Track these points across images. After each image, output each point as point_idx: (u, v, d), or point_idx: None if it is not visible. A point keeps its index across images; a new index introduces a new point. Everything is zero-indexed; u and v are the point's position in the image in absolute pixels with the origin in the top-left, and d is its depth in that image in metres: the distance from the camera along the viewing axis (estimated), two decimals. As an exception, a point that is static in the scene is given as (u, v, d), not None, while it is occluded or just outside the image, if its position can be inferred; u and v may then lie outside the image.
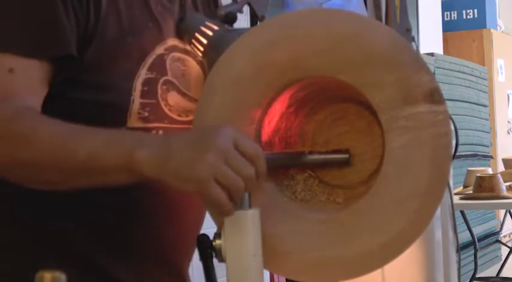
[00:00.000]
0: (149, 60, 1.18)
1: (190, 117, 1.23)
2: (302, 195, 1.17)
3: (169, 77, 1.21)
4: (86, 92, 1.14)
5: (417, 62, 1.06)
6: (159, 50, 1.21)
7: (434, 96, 1.04)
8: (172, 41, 1.24)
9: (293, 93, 1.16)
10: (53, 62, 1.11)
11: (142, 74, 1.17)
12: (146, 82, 1.17)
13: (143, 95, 1.17)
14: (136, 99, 1.16)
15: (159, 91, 1.19)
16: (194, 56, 1.27)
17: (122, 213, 1.18)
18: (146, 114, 1.17)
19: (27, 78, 1.09)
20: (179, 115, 1.22)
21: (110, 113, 1.14)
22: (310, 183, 1.19)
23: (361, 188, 1.14)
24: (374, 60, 1.06)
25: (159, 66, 1.20)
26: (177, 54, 1.24)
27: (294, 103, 1.18)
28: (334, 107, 1.22)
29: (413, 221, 1.04)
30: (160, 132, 1.19)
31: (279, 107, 1.16)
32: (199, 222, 1.28)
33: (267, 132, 1.17)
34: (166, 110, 1.20)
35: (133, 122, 1.16)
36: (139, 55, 1.18)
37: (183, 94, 1.23)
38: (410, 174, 1.05)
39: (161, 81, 1.20)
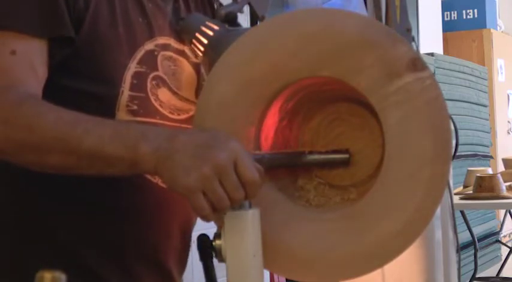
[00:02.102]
0: (138, 54, 1.19)
1: (182, 116, 1.23)
2: (316, 201, 1.18)
3: (159, 73, 1.21)
4: (77, 80, 1.15)
5: (390, 36, 1.06)
6: (149, 45, 1.21)
7: (417, 65, 1.05)
8: (165, 40, 1.24)
9: (281, 105, 1.16)
10: (52, 44, 1.12)
11: (132, 67, 1.18)
12: (136, 75, 1.18)
13: (132, 87, 1.17)
14: (126, 91, 1.16)
15: (149, 85, 1.19)
16: (188, 57, 1.27)
17: (111, 213, 1.19)
18: (135, 107, 1.17)
19: (28, 61, 1.10)
20: (171, 112, 1.22)
21: (98, 104, 1.15)
22: (321, 189, 1.20)
23: (372, 181, 1.14)
24: (348, 47, 1.07)
25: (149, 61, 1.20)
26: (168, 53, 1.24)
27: (285, 116, 1.19)
28: (326, 110, 1.23)
29: (429, 190, 1.04)
30: None
31: (271, 122, 1.17)
32: (189, 223, 1.28)
33: (265, 149, 1.17)
34: (157, 105, 1.20)
35: (122, 114, 1.16)
36: (129, 48, 1.18)
37: (173, 92, 1.23)
38: (415, 144, 1.05)
39: (151, 76, 1.20)
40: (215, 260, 1.05)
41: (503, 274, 4.92)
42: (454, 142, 1.18)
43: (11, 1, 1.11)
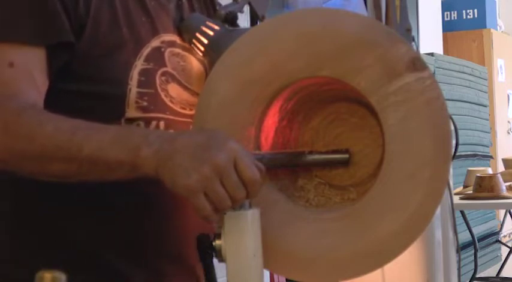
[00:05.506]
0: (145, 51, 1.19)
1: (194, 111, 1.23)
2: (316, 200, 1.18)
3: (168, 68, 1.22)
4: (83, 83, 1.15)
5: (390, 36, 1.07)
6: (155, 42, 1.21)
7: (416, 64, 1.05)
8: (170, 37, 1.24)
9: (281, 105, 1.17)
10: (51, 51, 1.12)
11: (139, 64, 1.18)
12: (143, 72, 1.18)
13: (140, 84, 1.17)
14: (133, 89, 1.16)
15: (158, 81, 1.19)
16: (195, 54, 1.27)
17: (131, 210, 1.19)
18: (145, 103, 1.17)
19: (27, 72, 1.10)
20: (182, 107, 1.22)
21: (107, 103, 1.15)
22: (321, 189, 1.20)
23: (372, 181, 1.14)
24: (348, 47, 1.07)
25: (156, 58, 1.20)
26: (176, 50, 1.24)
27: (285, 116, 1.19)
28: (326, 110, 1.23)
29: (429, 190, 1.04)
30: (162, 123, 1.19)
31: (271, 122, 1.17)
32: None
33: (265, 149, 1.17)
34: (167, 101, 1.20)
35: (132, 111, 1.16)
36: (135, 46, 1.18)
37: (184, 87, 1.24)
38: (415, 144, 1.05)
39: (159, 72, 1.20)
40: (215, 260, 1.05)
41: (503, 274, 4.91)
42: (454, 142, 1.18)
43: (6, 12, 1.11)
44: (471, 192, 3.87)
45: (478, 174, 3.91)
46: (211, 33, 1.24)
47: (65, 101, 1.13)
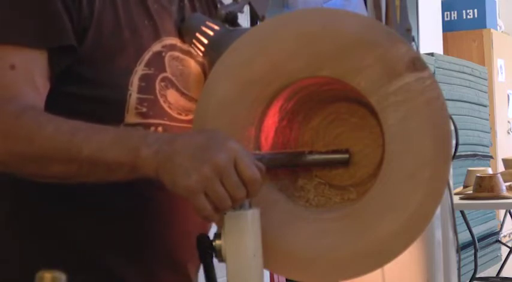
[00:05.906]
0: (146, 56, 1.19)
1: (190, 117, 1.23)
2: (316, 200, 1.18)
3: (168, 74, 1.21)
4: (83, 87, 1.15)
5: (390, 36, 1.07)
6: (156, 47, 1.21)
7: (416, 64, 1.05)
8: (171, 40, 1.24)
9: (281, 105, 1.17)
10: (53, 54, 1.12)
11: (140, 70, 1.18)
12: (143, 78, 1.18)
13: (140, 90, 1.17)
14: (134, 94, 1.16)
15: (157, 87, 1.19)
16: (194, 56, 1.27)
17: (131, 211, 1.19)
18: (144, 109, 1.17)
19: (28, 74, 1.10)
20: (179, 113, 1.22)
21: (107, 108, 1.15)
22: (321, 189, 1.20)
23: (372, 181, 1.14)
24: (348, 47, 1.07)
25: (157, 63, 1.20)
26: (176, 54, 1.24)
27: (285, 116, 1.19)
28: (326, 110, 1.23)
29: (429, 190, 1.04)
30: (160, 128, 1.19)
31: (271, 122, 1.17)
32: (205, 223, 1.28)
33: (265, 149, 1.17)
34: (165, 106, 1.20)
35: (131, 117, 1.16)
36: (136, 51, 1.18)
37: (181, 93, 1.23)
38: (415, 144, 1.05)
39: (159, 77, 1.20)
40: (215, 260, 1.05)
41: (503, 274, 4.91)
42: (454, 142, 1.18)
43: (9, 13, 1.11)
44: (471, 192, 3.87)
45: (478, 174, 3.91)
46: (211, 33, 1.24)
47: (65, 104, 1.13)
